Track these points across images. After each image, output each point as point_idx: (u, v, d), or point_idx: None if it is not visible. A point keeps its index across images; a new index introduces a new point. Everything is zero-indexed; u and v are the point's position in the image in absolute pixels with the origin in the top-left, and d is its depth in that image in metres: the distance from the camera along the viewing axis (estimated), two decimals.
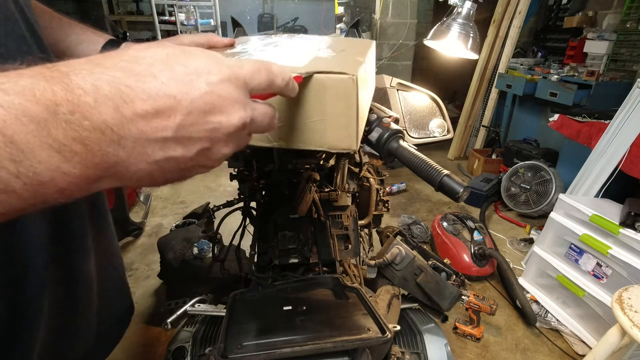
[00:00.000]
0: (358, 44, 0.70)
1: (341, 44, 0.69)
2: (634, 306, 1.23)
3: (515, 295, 1.98)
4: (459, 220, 2.39)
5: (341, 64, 0.50)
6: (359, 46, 0.67)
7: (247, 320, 0.60)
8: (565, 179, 2.73)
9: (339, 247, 0.89)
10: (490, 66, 3.86)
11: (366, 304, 0.63)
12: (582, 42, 3.36)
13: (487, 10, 3.75)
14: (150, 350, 1.72)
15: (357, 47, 0.66)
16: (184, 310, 0.88)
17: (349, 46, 0.66)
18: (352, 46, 0.66)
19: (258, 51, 0.59)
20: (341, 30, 4.19)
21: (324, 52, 0.59)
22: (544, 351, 1.79)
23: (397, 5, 3.70)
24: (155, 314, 1.90)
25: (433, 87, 1.36)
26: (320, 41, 0.69)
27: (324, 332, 0.56)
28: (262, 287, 0.71)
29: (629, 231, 1.64)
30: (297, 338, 0.54)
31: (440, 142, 1.25)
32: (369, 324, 0.58)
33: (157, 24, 4.15)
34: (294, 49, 0.61)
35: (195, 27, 4.28)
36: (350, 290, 0.68)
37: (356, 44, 0.71)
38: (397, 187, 3.39)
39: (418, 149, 0.73)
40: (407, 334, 0.90)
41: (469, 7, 1.07)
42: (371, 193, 1.29)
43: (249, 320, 0.60)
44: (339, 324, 0.59)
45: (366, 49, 0.65)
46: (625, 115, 2.07)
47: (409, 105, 1.24)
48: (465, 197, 0.65)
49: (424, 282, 0.88)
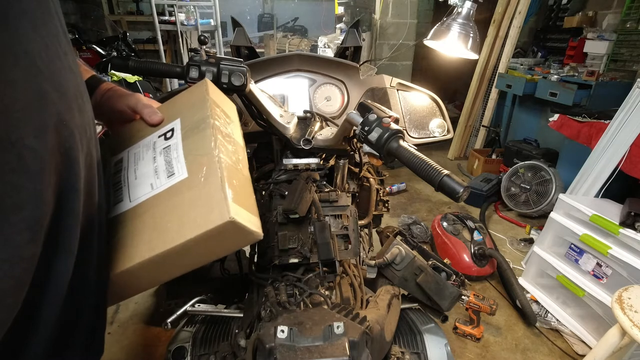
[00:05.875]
0: (190, 113, 0.61)
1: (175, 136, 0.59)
2: (634, 306, 1.23)
3: (515, 295, 1.98)
4: (459, 220, 2.39)
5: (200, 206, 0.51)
6: (191, 117, 0.60)
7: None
8: (565, 179, 2.73)
9: (339, 247, 0.89)
10: (490, 66, 3.86)
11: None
12: (582, 42, 3.36)
13: (487, 10, 3.75)
14: (150, 350, 1.72)
15: (190, 121, 0.59)
16: (184, 310, 0.88)
17: (186, 136, 0.58)
18: (188, 132, 0.59)
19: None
20: (341, 30, 4.19)
21: (162, 180, 0.55)
22: (544, 351, 1.79)
23: (397, 5, 3.70)
24: (155, 314, 1.90)
25: (433, 87, 1.36)
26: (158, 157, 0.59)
27: None
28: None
29: (629, 231, 1.64)
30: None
31: (440, 142, 1.25)
32: None
33: (157, 24, 4.15)
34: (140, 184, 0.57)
35: (195, 27, 4.28)
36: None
37: (189, 114, 0.61)
38: (397, 187, 3.39)
39: (418, 149, 0.73)
40: (407, 334, 0.90)
41: (469, 7, 1.07)
42: (371, 193, 1.29)
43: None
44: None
45: (203, 112, 0.59)
46: (625, 115, 2.07)
47: (409, 105, 1.24)
48: (465, 197, 0.65)
49: (424, 282, 0.88)
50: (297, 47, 5.04)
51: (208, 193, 0.51)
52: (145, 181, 0.56)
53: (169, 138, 0.59)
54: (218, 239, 0.51)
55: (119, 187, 0.57)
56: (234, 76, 0.79)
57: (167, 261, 0.51)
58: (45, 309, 0.42)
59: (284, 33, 6.13)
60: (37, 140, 0.37)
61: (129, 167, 0.58)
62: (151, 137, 0.61)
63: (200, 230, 0.48)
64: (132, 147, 0.61)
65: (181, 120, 0.60)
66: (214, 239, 0.50)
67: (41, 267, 0.40)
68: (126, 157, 0.60)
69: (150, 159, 0.57)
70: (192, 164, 0.54)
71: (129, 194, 0.56)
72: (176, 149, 0.57)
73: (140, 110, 0.63)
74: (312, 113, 1.11)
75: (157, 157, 0.57)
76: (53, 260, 0.42)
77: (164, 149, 0.58)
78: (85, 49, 3.66)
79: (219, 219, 0.48)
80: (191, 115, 0.60)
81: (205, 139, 0.56)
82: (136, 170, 0.57)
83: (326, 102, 1.25)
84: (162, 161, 0.56)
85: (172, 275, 0.58)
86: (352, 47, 1.40)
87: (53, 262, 0.42)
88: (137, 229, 0.53)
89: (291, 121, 0.98)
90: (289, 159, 1.03)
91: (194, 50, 0.81)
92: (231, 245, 0.56)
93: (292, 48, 5.06)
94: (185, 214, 0.50)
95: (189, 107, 0.62)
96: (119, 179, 0.58)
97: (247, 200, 0.57)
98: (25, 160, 0.36)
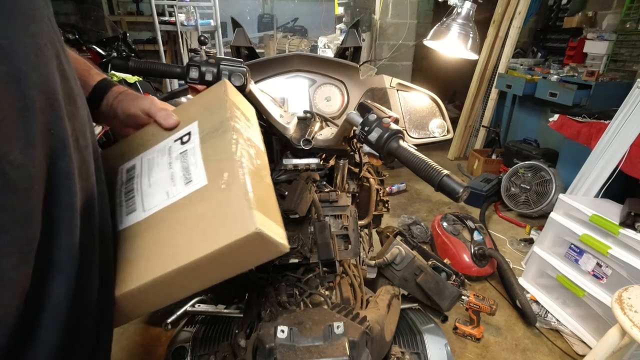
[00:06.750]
0: (210, 114, 0.58)
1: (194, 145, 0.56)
2: (634, 306, 1.23)
3: (515, 295, 1.98)
4: (459, 221, 2.39)
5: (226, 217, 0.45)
6: (212, 121, 0.56)
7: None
8: (565, 179, 2.73)
9: (339, 247, 0.89)
10: (490, 66, 3.86)
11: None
12: (582, 42, 3.36)
13: (487, 11, 3.75)
14: (150, 350, 1.72)
15: (211, 125, 0.55)
16: (184, 310, 0.89)
17: (206, 140, 0.54)
18: (209, 138, 0.55)
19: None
20: (341, 30, 4.19)
21: (179, 188, 0.50)
22: (544, 351, 1.79)
23: (396, 6, 3.70)
24: (155, 314, 1.90)
25: (433, 87, 1.36)
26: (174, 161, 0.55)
27: None
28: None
29: (629, 231, 1.64)
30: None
31: (440, 142, 1.25)
32: None
33: (157, 24, 4.15)
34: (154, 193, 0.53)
35: (195, 27, 4.28)
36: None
37: (209, 114, 0.58)
38: (397, 187, 3.39)
39: (418, 149, 0.74)
40: (407, 334, 0.90)
41: (469, 7, 1.07)
42: (371, 193, 1.29)
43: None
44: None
45: (223, 115, 0.55)
46: (625, 115, 2.07)
47: (409, 105, 1.24)
48: (465, 197, 0.65)
49: (424, 282, 0.88)
50: (297, 47, 5.04)
51: (230, 202, 0.46)
52: (160, 189, 0.52)
53: (185, 142, 0.55)
54: (241, 252, 0.46)
55: (132, 196, 0.53)
56: (234, 76, 0.79)
57: (182, 278, 0.47)
58: (44, 333, 0.39)
59: (284, 33, 6.13)
60: (23, 154, 0.34)
61: (142, 174, 0.54)
62: (166, 142, 0.57)
63: (222, 243, 0.44)
64: (145, 152, 0.58)
65: (199, 124, 0.56)
66: (236, 252, 0.45)
67: (35, 290, 0.37)
68: (139, 164, 0.57)
69: (166, 165, 0.54)
70: (211, 170, 0.50)
71: (142, 203, 0.52)
72: (194, 153, 0.53)
73: (154, 113, 0.60)
74: (312, 113, 1.11)
75: (173, 162, 0.53)
76: (48, 282, 0.39)
77: (180, 154, 0.53)
78: (85, 49, 3.66)
79: (243, 231, 0.44)
80: (209, 118, 0.56)
81: (226, 143, 0.51)
82: (150, 178, 0.53)
83: (326, 103, 1.25)
84: (178, 167, 0.52)
85: (187, 293, 0.51)
86: (352, 48, 1.40)
87: (48, 284, 0.39)
88: (151, 241, 0.49)
89: (291, 121, 0.99)
90: (289, 159, 1.03)
91: (194, 51, 0.81)
92: (254, 259, 0.51)
93: (292, 48, 5.06)
94: (205, 225, 0.46)
95: (207, 109, 0.58)
96: (131, 186, 0.54)
97: (272, 210, 0.52)
98: (10, 177, 0.33)
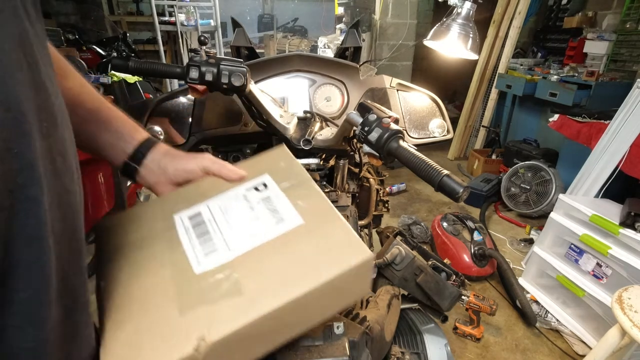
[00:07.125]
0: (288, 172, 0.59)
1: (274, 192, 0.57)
2: (634, 306, 1.23)
3: (515, 295, 1.98)
4: (459, 221, 2.39)
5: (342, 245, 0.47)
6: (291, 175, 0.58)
7: None
8: (565, 179, 2.73)
9: None
10: (490, 66, 3.86)
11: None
12: (582, 42, 3.36)
13: (487, 11, 3.75)
14: None
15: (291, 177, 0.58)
16: None
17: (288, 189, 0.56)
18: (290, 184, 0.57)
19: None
20: (341, 30, 4.19)
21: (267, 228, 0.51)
22: (544, 351, 1.79)
23: (397, 6, 3.70)
24: None
25: (433, 87, 1.36)
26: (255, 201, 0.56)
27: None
28: None
29: (629, 231, 1.64)
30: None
31: (440, 142, 1.25)
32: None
33: (157, 24, 4.15)
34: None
35: (195, 27, 4.28)
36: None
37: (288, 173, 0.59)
38: (397, 187, 3.39)
39: (418, 149, 0.74)
40: (407, 334, 0.90)
41: (469, 7, 1.07)
42: (371, 193, 1.29)
43: None
44: None
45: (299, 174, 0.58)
46: (625, 116, 2.07)
47: (409, 105, 1.24)
48: (465, 197, 0.65)
49: (424, 282, 0.88)
50: (297, 47, 5.05)
51: (337, 233, 0.49)
52: (247, 230, 0.52)
53: (261, 190, 0.57)
54: (349, 281, 0.47)
55: (209, 239, 0.52)
56: (234, 76, 0.79)
57: (290, 314, 0.46)
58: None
59: (284, 33, 6.13)
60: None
61: (216, 218, 0.54)
62: (237, 190, 0.58)
63: (341, 269, 0.45)
64: (209, 200, 0.57)
65: (271, 176, 0.58)
66: (346, 281, 0.46)
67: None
68: (206, 210, 0.56)
69: (246, 209, 0.54)
70: (304, 212, 0.52)
71: (225, 242, 0.51)
72: (277, 198, 0.55)
73: (217, 170, 0.60)
74: (312, 113, 1.11)
75: (255, 206, 0.54)
76: (8, 338, 0.32)
77: (262, 200, 0.55)
78: (86, 49, 3.67)
79: (358, 255, 0.46)
80: (280, 171, 0.59)
81: (312, 190, 0.55)
82: (229, 220, 0.53)
83: (326, 103, 1.25)
84: (263, 210, 0.54)
85: (272, 346, 0.48)
86: (352, 48, 1.40)
87: (7, 339, 0.32)
88: (257, 273, 0.47)
89: (291, 121, 0.99)
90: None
91: (194, 51, 0.81)
92: (351, 296, 0.53)
93: (292, 48, 5.06)
94: (316, 257, 0.47)
95: (276, 166, 0.61)
96: (204, 230, 0.53)
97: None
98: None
